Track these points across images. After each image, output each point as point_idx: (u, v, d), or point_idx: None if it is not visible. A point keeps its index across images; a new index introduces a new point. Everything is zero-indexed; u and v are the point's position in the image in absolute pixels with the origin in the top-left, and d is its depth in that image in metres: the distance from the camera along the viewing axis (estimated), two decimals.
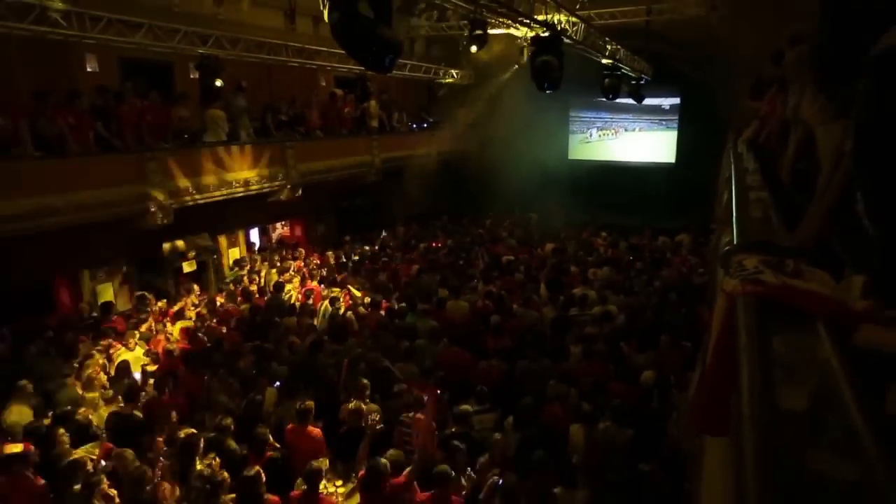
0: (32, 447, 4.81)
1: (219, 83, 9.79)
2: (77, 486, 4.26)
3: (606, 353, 6.68)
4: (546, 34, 7.94)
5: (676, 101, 17.31)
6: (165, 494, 4.43)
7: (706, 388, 1.29)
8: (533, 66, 7.90)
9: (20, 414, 5.67)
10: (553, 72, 7.78)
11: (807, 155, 2.55)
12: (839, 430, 0.71)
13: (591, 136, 18.79)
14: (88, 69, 9.79)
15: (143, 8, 8.99)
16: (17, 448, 4.84)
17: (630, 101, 14.81)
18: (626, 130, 18.33)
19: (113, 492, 4.30)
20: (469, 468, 4.83)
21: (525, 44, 9.68)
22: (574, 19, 9.73)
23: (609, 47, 11.45)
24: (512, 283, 9.97)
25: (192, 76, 10.83)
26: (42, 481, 4.56)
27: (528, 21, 8.22)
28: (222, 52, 9.35)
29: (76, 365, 6.66)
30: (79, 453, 4.81)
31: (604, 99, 13.61)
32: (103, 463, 4.85)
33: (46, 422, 5.34)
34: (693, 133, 16.39)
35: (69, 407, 5.70)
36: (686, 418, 4.15)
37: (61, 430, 5.02)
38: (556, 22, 8.60)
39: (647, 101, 15.78)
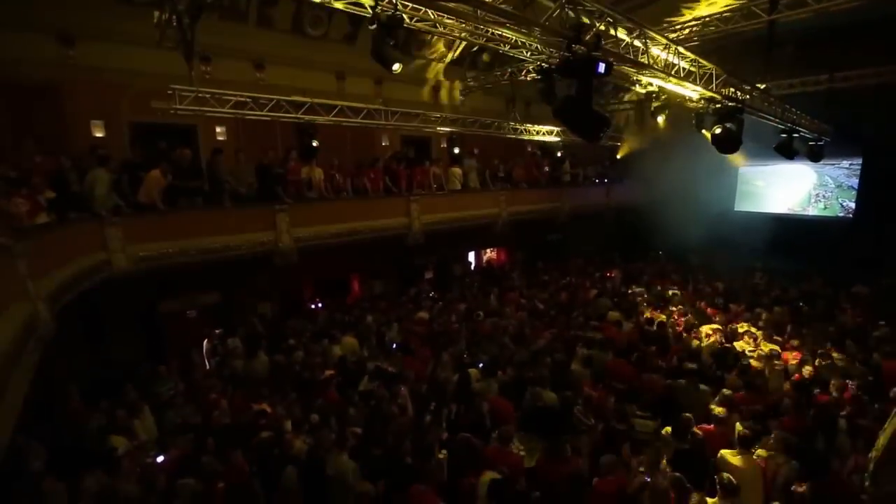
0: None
1: (457, 150, 10.70)
2: None
3: (764, 388, 5.50)
4: (730, 105, 6.77)
5: (858, 160, 13.31)
6: None
7: None
8: (714, 133, 6.81)
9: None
10: (733, 138, 6.67)
11: None
12: None
13: (759, 188, 15.61)
14: (383, 143, 11.43)
15: (417, 103, 10.24)
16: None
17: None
18: (798, 185, 14.77)
19: None
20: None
21: (699, 110, 8.17)
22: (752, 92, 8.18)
23: (786, 114, 9.39)
24: (673, 312, 8.82)
25: (442, 145, 11.97)
26: None
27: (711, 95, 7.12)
28: (464, 129, 10.06)
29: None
30: None
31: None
32: None
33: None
34: (875, 191, 12.57)
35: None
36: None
37: None
38: (737, 94, 7.32)
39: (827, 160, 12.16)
